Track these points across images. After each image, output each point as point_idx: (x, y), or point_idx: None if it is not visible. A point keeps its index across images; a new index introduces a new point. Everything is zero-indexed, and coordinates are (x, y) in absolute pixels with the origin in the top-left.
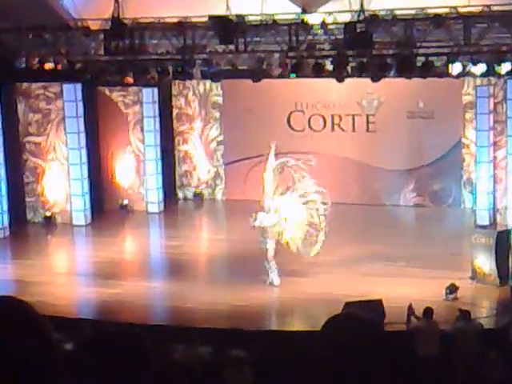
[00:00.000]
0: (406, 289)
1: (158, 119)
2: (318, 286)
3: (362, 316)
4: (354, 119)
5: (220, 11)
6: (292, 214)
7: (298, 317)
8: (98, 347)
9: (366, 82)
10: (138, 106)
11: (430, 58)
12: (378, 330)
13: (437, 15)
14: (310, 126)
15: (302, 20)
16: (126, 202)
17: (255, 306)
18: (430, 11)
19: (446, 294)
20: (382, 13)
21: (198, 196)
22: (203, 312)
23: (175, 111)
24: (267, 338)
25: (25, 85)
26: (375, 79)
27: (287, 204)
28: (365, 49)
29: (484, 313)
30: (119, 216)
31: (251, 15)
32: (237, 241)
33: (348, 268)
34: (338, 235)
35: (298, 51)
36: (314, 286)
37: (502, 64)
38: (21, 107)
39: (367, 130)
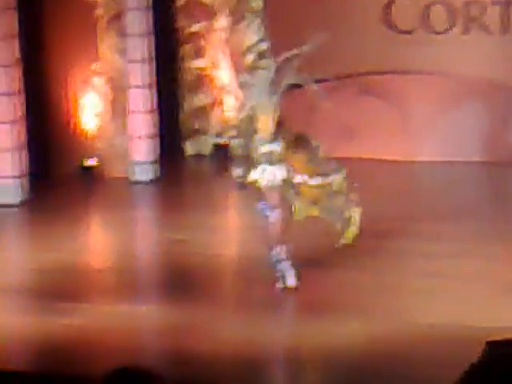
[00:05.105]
0: None
1: (150, 14)
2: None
3: None
4: (508, 11)
5: None
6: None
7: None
8: None
9: None
10: None
11: None
12: None
13: None
14: (425, 23)
15: None
16: (91, 161)
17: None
18: None
19: None
20: None
21: (221, 150)
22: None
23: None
24: None
25: None
26: None
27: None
28: None
29: None
30: (79, 186)
31: None
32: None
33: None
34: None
35: None
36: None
37: None
38: None
39: None
